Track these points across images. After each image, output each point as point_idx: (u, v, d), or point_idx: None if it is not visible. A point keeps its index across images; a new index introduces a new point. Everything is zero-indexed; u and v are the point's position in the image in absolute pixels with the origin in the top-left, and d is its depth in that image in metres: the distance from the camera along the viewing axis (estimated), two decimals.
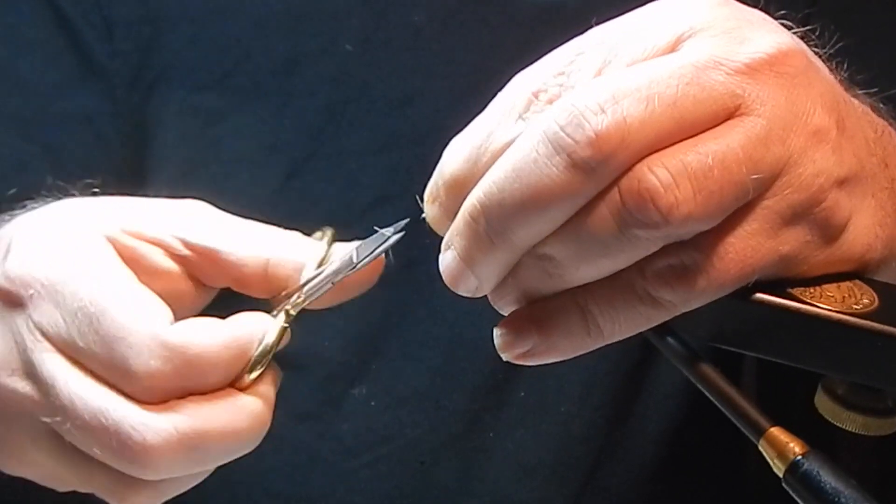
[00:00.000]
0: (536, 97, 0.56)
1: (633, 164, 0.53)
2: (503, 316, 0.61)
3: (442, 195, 0.59)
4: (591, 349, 0.59)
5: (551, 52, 0.58)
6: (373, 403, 0.90)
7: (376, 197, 0.89)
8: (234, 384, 0.65)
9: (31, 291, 0.64)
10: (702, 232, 0.55)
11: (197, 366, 0.63)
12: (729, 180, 0.54)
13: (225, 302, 0.71)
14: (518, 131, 0.56)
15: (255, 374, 0.65)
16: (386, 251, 0.68)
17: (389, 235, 0.68)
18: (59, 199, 0.74)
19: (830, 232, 0.58)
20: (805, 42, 0.60)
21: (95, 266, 0.64)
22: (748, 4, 0.60)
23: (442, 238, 0.61)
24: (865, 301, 0.58)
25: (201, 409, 0.63)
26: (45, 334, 0.64)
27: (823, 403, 0.61)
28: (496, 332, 0.60)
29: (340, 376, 0.90)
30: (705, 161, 0.53)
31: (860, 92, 0.66)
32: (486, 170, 0.56)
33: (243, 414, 0.64)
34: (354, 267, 0.68)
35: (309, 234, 0.71)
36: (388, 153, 0.88)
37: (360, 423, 0.90)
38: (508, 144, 0.56)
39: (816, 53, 0.61)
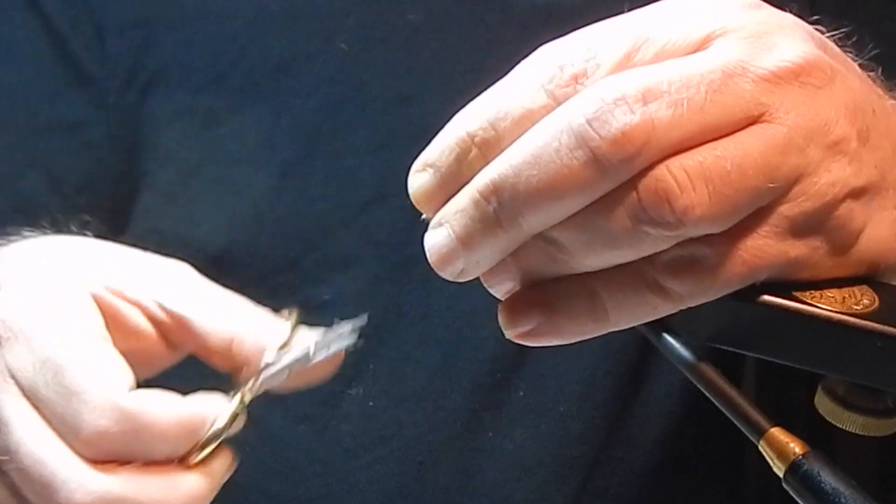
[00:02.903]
0: (561, 70, 0.55)
1: (653, 164, 0.53)
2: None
3: (448, 160, 0.57)
4: (594, 335, 0.58)
5: (579, 30, 0.57)
6: (371, 404, 0.90)
7: (372, 196, 0.89)
8: (182, 461, 0.66)
9: (8, 334, 0.67)
10: None
11: (145, 434, 0.64)
12: (744, 186, 0.54)
13: (192, 366, 0.74)
14: (540, 102, 0.55)
15: (202, 455, 0.66)
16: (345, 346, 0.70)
17: (347, 333, 0.69)
18: (54, 232, 0.77)
19: (842, 241, 0.58)
20: (840, 47, 0.60)
21: (71, 321, 0.67)
22: None
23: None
24: (865, 301, 0.58)
25: (138, 479, 0.64)
26: (13, 376, 0.66)
27: (823, 404, 0.61)
28: (500, 307, 0.59)
29: (338, 377, 0.89)
30: (724, 166, 0.53)
31: None
32: (506, 136, 0.55)
33: (178, 492, 0.65)
34: (310, 361, 0.69)
35: (278, 311, 0.73)
36: (384, 152, 0.88)
37: (358, 423, 0.90)
38: (529, 112, 0.55)
39: (852, 59, 0.61)
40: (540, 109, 0.55)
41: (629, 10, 0.59)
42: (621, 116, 0.52)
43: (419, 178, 0.58)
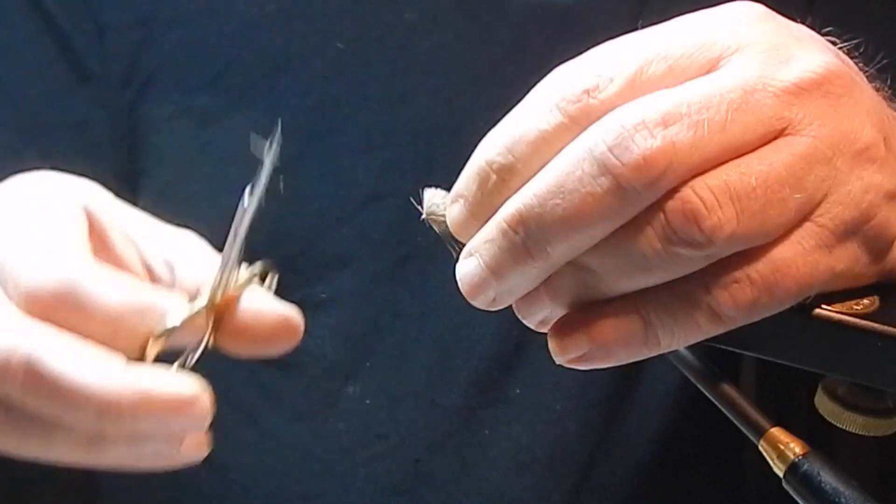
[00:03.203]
0: (573, 87, 0.55)
1: (678, 186, 0.53)
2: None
3: (473, 190, 0.57)
4: (642, 357, 0.58)
5: (590, 50, 0.57)
6: (367, 401, 0.90)
7: (368, 195, 0.89)
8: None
9: None
10: (766, 249, 0.55)
11: (85, 301, 0.55)
12: (771, 199, 0.53)
13: None
14: (553, 121, 0.55)
15: (151, 351, 0.57)
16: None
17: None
18: None
19: (880, 247, 0.58)
20: (850, 57, 0.60)
21: (53, 206, 0.61)
22: None
23: (439, 239, 0.61)
24: (865, 302, 0.58)
25: (58, 340, 0.55)
26: None
27: (823, 404, 0.61)
28: (550, 334, 0.58)
29: (334, 375, 0.90)
30: (748, 181, 0.53)
31: None
32: (523, 159, 0.55)
33: (102, 369, 0.54)
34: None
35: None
36: (380, 151, 0.88)
37: (354, 421, 0.90)
38: (543, 133, 0.55)
39: (860, 68, 0.61)
40: (554, 129, 0.55)
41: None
42: (642, 141, 0.52)
43: (453, 210, 0.58)
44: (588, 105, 0.54)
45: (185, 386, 0.55)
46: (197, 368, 0.65)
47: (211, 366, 0.91)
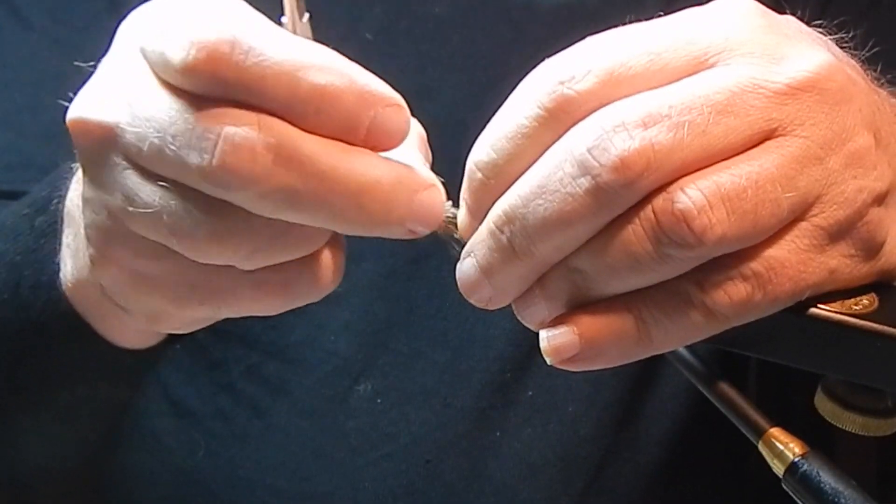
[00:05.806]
0: (556, 81, 0.55)
1: (662, 187, 0.53)
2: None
3: (468, 191, 0.59)
4: (636, 358, 0.57)
5: (577, 43, 0.57)
6: (379, 400, 0.90)
7: None
8: None
9: None
10: (760, 248, 0.55)
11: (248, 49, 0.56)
12: (763, 199, 0.53)
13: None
14: (530, 113, 0.55)
15: None
16: None
17: None
18: None
19: (872, 246, 0.58)
20: (839, 46, 0.60)
21: None
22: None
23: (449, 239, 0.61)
24: (865, 301, 0.58)
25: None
26: None
27: (823, 404, 0.61)
28: (541, 334, 0.58)
29: (346, 372, 0.90)
30: (739, 182, 0.53)
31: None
32: (503, 154, 0.56)
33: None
34: None
35: None
36: None
37: (365, 420, 0.90)
38: (519, 126, 0.55)
39: (850, 56, 0.60)
40: (532, 122, 0.55)
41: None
42: (620, 143, 0.52)
43: (459, 214, 0.60)
44: (563, 96, 0.54)
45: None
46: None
47: (210, 358, 0.91)
